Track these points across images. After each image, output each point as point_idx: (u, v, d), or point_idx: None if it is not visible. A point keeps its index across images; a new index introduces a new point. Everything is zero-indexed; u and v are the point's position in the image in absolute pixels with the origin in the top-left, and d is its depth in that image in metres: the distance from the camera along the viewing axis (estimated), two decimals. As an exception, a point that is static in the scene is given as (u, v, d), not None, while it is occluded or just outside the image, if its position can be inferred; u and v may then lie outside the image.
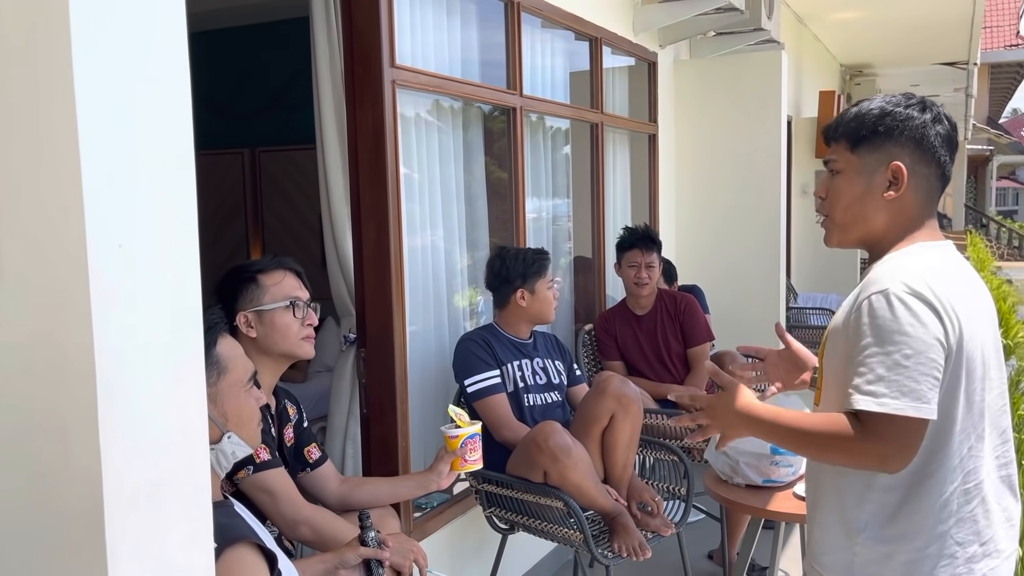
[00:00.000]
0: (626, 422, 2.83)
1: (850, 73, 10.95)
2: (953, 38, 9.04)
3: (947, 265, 1.52)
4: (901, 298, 1.41)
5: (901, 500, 1.48)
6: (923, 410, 1.39)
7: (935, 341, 1.40)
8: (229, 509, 1.54)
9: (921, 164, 1.52)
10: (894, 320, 1.41)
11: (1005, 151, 25.50)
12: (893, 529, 1.49)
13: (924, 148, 1.52)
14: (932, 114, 1.53)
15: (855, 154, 1.55)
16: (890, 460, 1.41)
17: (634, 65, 4.74)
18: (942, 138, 1.53)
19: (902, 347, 1.40)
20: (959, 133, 1.57)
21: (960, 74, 10.94)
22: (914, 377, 1.38)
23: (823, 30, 8.65)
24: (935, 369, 1.40)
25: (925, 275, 1.45)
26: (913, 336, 1.40)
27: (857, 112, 1.57)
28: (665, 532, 2.81)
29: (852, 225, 1.58)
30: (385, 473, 2.69)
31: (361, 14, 2.63)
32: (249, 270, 2.12)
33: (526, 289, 2.99)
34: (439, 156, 3.12)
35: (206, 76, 5.19)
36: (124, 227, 1.09)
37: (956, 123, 1.58)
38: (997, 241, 23.34)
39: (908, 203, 1.54)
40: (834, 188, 1.59)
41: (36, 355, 1.07)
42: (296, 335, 2.12)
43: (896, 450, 1.40)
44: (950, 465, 1.47)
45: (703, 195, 5.08)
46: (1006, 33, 17.63)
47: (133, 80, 1.10)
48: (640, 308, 3.93)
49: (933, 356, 1.40)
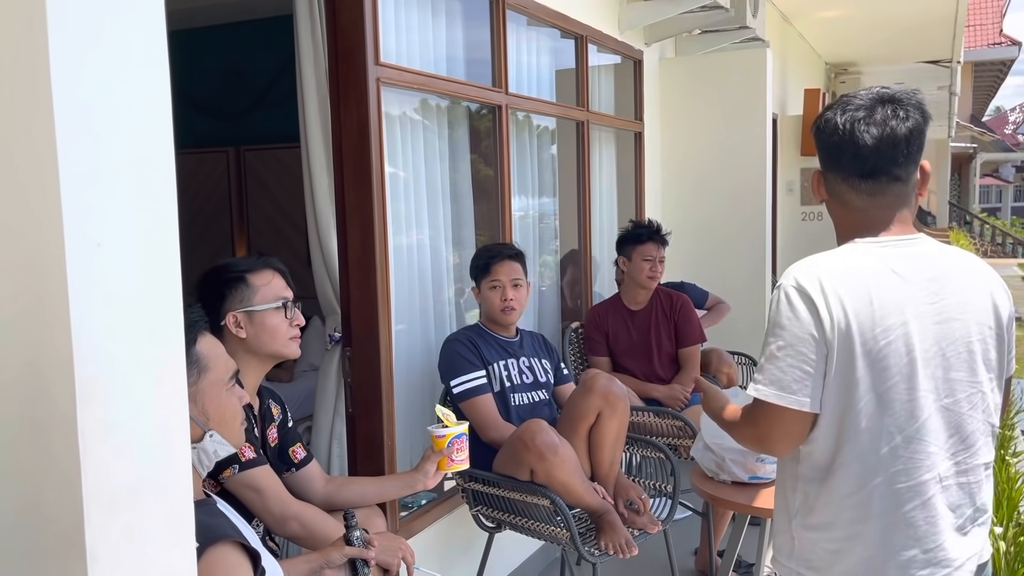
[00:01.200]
0: (613, 420, 2.83)
1: (835, 71, 11.00)
2: (937, 36, 9.10)
3: (865, 261, 1.49)
4: (787, 292, 1.49)
5: (817, 491, 1.54)
6: (786, 399, 1.47)
7: (807, 335, 1.46)
8: (212, 508, 1.53)
9: (832, 165, 1.56)
10: (776, 313, 1.51)
11: (988, 148, 25.70)
12: (813, 517, 1.55)
13: (829, 149, 1.55)
14: (840, 110, 1.51)
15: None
16: (765, 443, 1.56)
17: (620, 63, 4.75)
18: (846, 131, 1.49)
19: (777, 339, 1.49)
20: (853, 113, 1.50)
21: (944, 72, 11.00)
22: (782, 368, 1.47)
23: (808, 28, 8.68)
24: (803, 362, 1.46)
25: (821, 271, 1.49)
26: (786, 329, 1.48)
27: None
28: (652, 529, 2.82)
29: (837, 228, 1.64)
30: (371, 472, 2.69)
31: (345, 11, 2.62)
32: (236, 269, 2.10)
33: (477, 287, 3.01)
34: (424, 154, 3.11)
35: (191, 75, 5.16)
36: (103, 226, 1.07)
37: (844, 123, 1.51)
38: (981, 238, 23.53)
39: (832, 207, 1.60)
40: None
41: (13, 356, 1.06)
42: (285, 335, 2.11)
43: (770, 434, 1.53)
44: (863, 462, 1.48)
45: (689, 193, 5.09)
46: (989, 31, 17.75)
47: (112, 77, 1.08)
48: (636, 304, 3.92)
49: (802, 349, 1.46)
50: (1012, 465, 4.32)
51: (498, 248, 3.05)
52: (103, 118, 1.07)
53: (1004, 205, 34.13)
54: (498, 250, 3.03)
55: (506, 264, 2.97)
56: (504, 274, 2.95)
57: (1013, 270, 18.50)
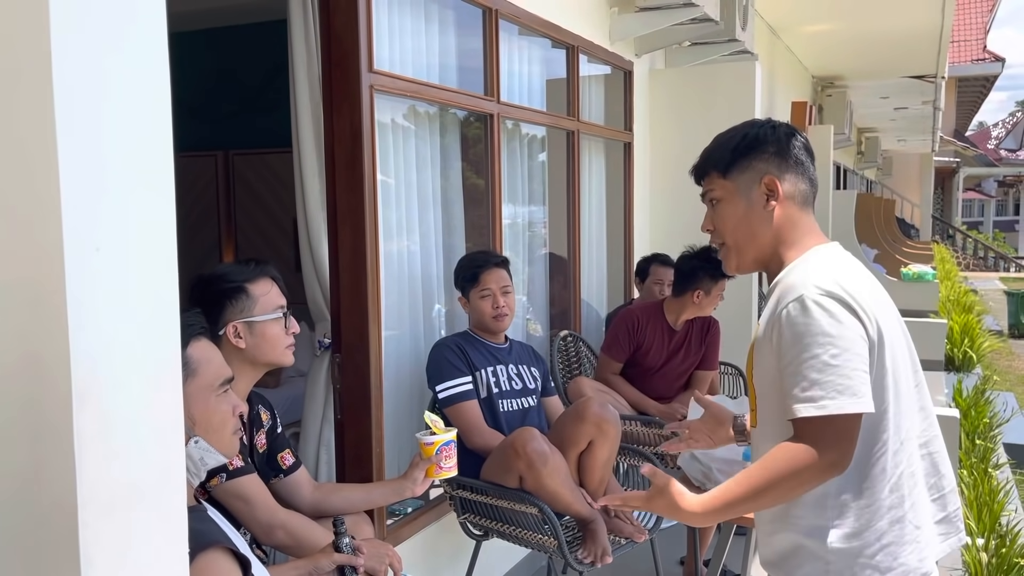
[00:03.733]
0: (604, 447, 2.83)
1: (821, 84, 11.11)
2: (922, 52, 9.21)
3: (846, 263, 1.59)
4: (817, 301, 1.46)
5: (854, 498, 1.51)
6: (860, 404, 1.43)
7: (857, 336, 1.46)
8: (202, 514, 1.52)
9: (788, 172, 1.62)
10: (815, 323, 1.45)
11: (971, 163, 25.98)
12: (856, 526, 1.51)
13: (785, 157, 1.61)
14: (784, 129, 1.65)
15: (728, 179, 1.65)
16: (839, 465, 1.45)
17: (610, 73, 4.78)
18: (800, 146, 1.63)
19: (828, 348, 1.44)
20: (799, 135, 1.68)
21: (928, 87, 11.15)
22: (846, 374, 1.43)
23: (795, 42, 8.77)
24: (863, 363, 1.45)
25: (833, 275, 1.51)
26: (836, 335, 1.44)
27: (718, 143, 1.69)
28: (639, 538, 2.83)
29: (745, 245, 1.65)
30: (359, 479, 2.68)
31: (339, 18, 2.63)
32: (235, 279, 2.09)
33: (465, 297, 3.01)
34: (416, 162, 3.12)
35: (180, 78, 5.12)
36: (102, 230, 1.08)
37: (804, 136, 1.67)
38: (963, 252, 23.76)
39: (789, 211, 1.62)
40: (718, 216, 1.68)
41: (10, 358, 1.06)
42: (283, 344, 2.11)
43: (843, 452, 1.44)
44: (893, 455, 1.51)
45: (677, 203, 5.11)
46: (973, 47, 17.96)
47: (112, 82, 1.09)
48: (678, 324, 3.82)
49: (859, 351, 1.45)
50: (993, 477, 4.36)
51: (483, 256, 3.05)
52: (104, 124, 1.08)
53: (986, 219, 34.47)
54: (484, 259, 3.02)
55: (494, 272, 2.97)
56: (493, 282, 2.96)
57: (995, 283, 18.68)
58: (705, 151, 1.71)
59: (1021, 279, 20.44)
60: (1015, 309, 12.59)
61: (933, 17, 7.64)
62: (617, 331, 3.82)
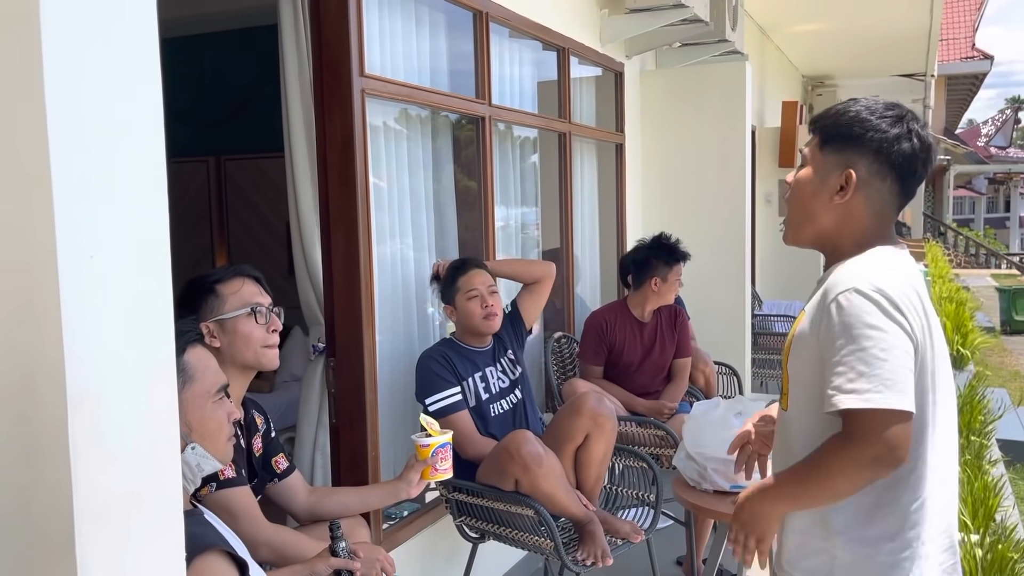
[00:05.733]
0: (600, 441, 2.84)
1: (812, 84, 11.14)
2: (911, 51, 9.25)
3: (904, 268, 1.55)
4: (869, 295, 1.43)
5: (877, 500, 1.48)
6: (906, 402, 1.39)
7: (905, 335, 1.42)
8: (199, 518, 1.52)
9: (876, 177, 1.54)
10: (866, 315, 1.42)
11: (962, 161, 26.04)
12: (872, 530, 1.49)
13: (882, 162, 1.53)
14: (903, 128, 1.53)
15: (822, 152, 1.58)
16: (884, 462, 1.39)
17: (601, 75, 4.79)
18: (906, 155, 1.53)
19: (878, 342, 1.40)
20: (933, 153, 1.58)
21: (918, 85, 11.18)
22: (894, 369, 1.39)
23: (785, 42, 8.80)
24: (910, 360, 1.42)
25: (887, 273, 1.48)
26: (886, 331, 1.41)
27: (837, 111, 1.59)
28: (635, 539, 2.83)
29: (801, 221, 1.62)
30: (355, 483, 2.68)
31: (330, 23, 2.63)
32: (207, 281, 2.10)
33: (450, 305, 2.98)
34: (408, 165, 3.12)
35: (171, 84, 5.11)
36: (95, 238, 1.08)
37: (931, 143, 1.56)
38: (955, 249, 23.85)
39: (857, 211, 1.55)
40: (796, 180, 1.63)
41: (5, 366, 1.06)
42: (259, 342, 2.09)
43: (888, 450, 1.38)
44: (924, 459, 1.49)
45: (669, 204, 5.13)
46: (962, 45, 18.05)
47: (105, 92, 1.09)
48: (645, 315, 3.91)
49: (907, 348, 1.42)
50: (987, 473, 4.37)
51: (460, 261, 3.03)
52: (96, 132, 1.08)
53: (977, 216, 34.62)
54: (462, 262, 3.01)
55: (477, 273, 2.95)
56: (479, 283, 2.93)
57: (987, 280, 18.75)
58: (829, 109, 1.62)
59: (1013, 275, 20.54)
60: (1007, 305, 12.64)
61: (922, 16, 7.67)
62: (588, 337, 3.89)
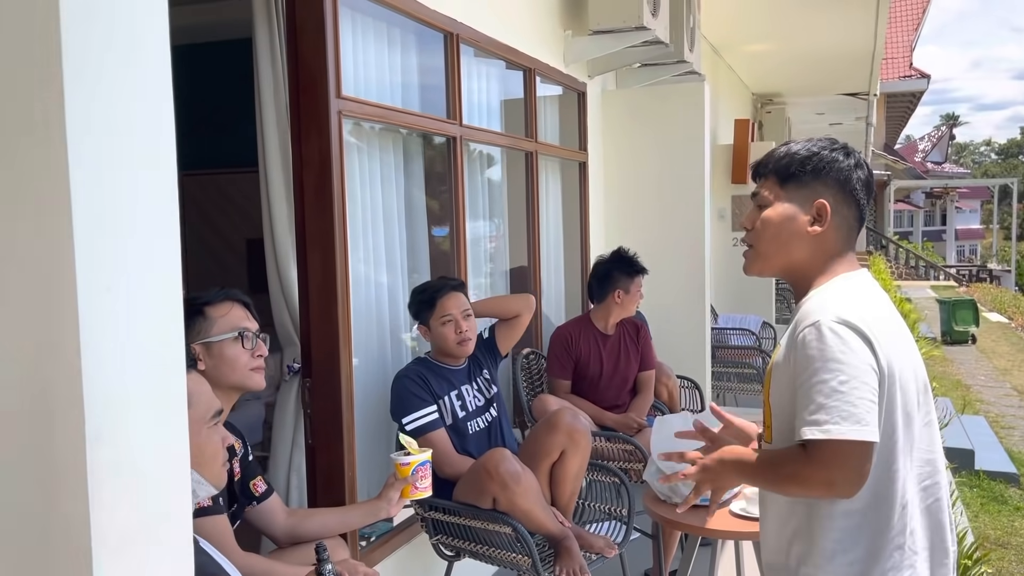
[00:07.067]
0: (576, 457, 2.88)
1: (761, 101, 11.43)
2: (855, 71, 9.57)
3: (868, 293, 1.63)
4: (832, 328, 1.50)
5: (860, 523, 1.55)
6: (864, 432, 1.46)
7: (867, 366, 1.49)
8: (197, 546, 1.52)
9: (843, 204, 1.65)
10: (828, 349, 1.49)
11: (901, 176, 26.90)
12: (858, 551, 1.56)
13: (846, 190, 1.65)
14: (854, 160, 1.68)
15: (784, 190, 1.67)
16: (837, 486, 1.48)
17: (564, 95, 4.86)
18: (862, 182, 1.66)
19: (837, 374, 1.48)
20: (866, 169, 1.72)
21: (861, 104, 11.56)
22: (852, 401, 1.46)
23: (737, 61, 9.03)
24: (870, 392, 1.48)
25: (852, 304, 1.55)
26: (846, 363, 1.48)
27: (787, 151, 1.69)
28: (609, 553, 2.87)
29: (775, 255, 1.69)
30: (331, 503, 2.67)
31: (306, 43, 2.63)
32: (196, 303, 2.10)
33: (425, 325, 2.98)
34: (381, 184, 3.13)
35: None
36: (112, 271, 1.08)
37: (873, 171, 1.73)
38: (896, 261, 24.58)
39: (829, 238, 1.65)
40: (762, 220, 1.70)
41: (25, 399, 1.06)
42: (245, 366, 2.10)
43: (843, 475, 1.47)
44: (900, 481, 1.56)
45: (631, 221, 5.21)
46: (900, 64, 18.62)
47: (121, 129, 1.10)
48: (609, 328, 3.98)
49: (867, 380, 1.48)
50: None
51: (439, 282, 3.00)
52: (112, 168, 1.09)
53: (915, 229, 35.76)
54: (440, 284, 2.98)
55: (452, 296, 2.94)
56: (454, 307, 2.92)
57: (927, 292, 19.35)
58: (772, 153, 1.72)
59: (950, 287, 21.23)
60: (947, 317, 13.09)
61: (866, 38, 7.95)
62: (553, 351, 3.96)
